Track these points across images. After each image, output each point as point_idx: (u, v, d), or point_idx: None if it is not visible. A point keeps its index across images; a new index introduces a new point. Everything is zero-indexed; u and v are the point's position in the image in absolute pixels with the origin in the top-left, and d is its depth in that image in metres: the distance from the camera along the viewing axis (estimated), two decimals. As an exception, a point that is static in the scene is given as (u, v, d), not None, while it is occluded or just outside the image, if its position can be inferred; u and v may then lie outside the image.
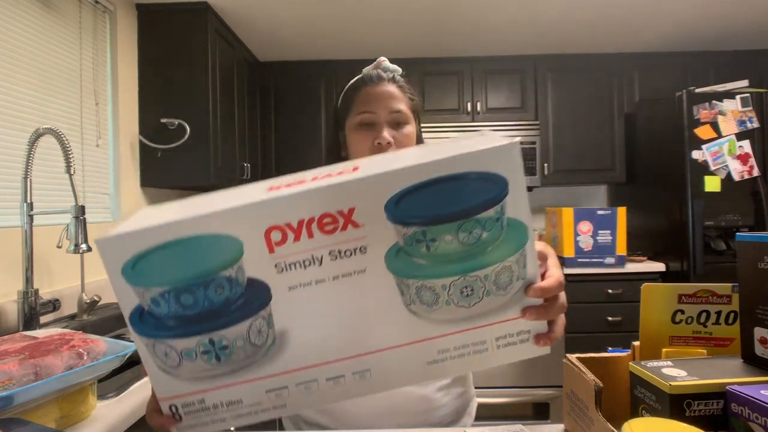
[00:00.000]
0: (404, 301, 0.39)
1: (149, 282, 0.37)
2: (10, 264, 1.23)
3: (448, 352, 0.40)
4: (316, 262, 0.38)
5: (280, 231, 0.37)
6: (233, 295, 0.38)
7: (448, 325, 0.40)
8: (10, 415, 0.57)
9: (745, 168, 2.12)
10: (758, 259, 0.54)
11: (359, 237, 0.37)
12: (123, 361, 0.71)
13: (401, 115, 0.82)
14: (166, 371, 0.40)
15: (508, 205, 0.38)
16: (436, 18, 2.16)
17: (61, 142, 1.11)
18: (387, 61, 0.88)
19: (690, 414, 0.48)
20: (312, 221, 0.36)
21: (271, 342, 0.39)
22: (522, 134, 2.51)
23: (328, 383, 0.40)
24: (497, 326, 0.40)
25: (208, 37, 1.92)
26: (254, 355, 0.39)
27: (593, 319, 2.25)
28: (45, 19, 1.44)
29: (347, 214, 0.36)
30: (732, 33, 2.42)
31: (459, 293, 0.39)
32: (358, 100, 0.83)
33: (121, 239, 0.36)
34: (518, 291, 0.40)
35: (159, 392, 0.40)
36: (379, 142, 0.79)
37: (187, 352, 0.39)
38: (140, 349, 0.39)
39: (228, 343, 0.39)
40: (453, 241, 0.38)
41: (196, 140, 1.88)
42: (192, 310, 0.38)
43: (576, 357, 0.62)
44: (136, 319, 0.38)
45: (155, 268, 0.37)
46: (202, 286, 0.38)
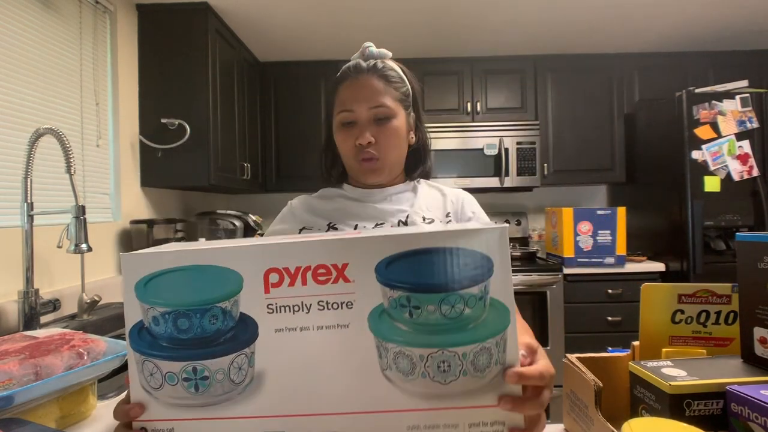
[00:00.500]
0: (381, 365, 0.40)
1: (155, 301, 0.41)
2: (11, 264, 1.23)
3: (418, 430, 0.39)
4: (305, 308, 0.40)
5: (278, 274, 0.40)
6: (224, 327, 0.41)
7: (422, 400, 0.40)
8: (10, 414, 0.57)
9: (745, 168, 2.12)
10: (758, 259, 0.54)
11: (348, 292, 0.39)
12: (123, 360, 0.70)
13: (384, 110, 0.77)
14: (147, 391, 0.42)
15: (492, 285, 0.39)
16: (436, 18, 2.17)
17: (62, 142, 1.11)
18: (372, 47, 0.81)
19: (690, 414, 0.48)
20: (308, 269, 0.40)
21: (249, 381, 0.41)
22: (522, 134, 2.51)
23: None
24: (472, 411, 0.39)
25: (208, 37, 1.92)
26: (230, 392, 0.41)
27: (593, 319, 2.26)
28: (45, 19, 1.44)
29: (341, 268, 0.39)
30: (732, 33, 2.42)
31: (436, 367, 0.39)
32: (338, 96, 0.79)
33: (143, 257, 0.41)
34: (496, 376, 0.39)
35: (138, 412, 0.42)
36: (360, 142, 0.76)
37: (170, 376, 0.41)
38: (130, 364, 0.42)
39: (209, 374, 0.41)
40: (435, 312, 0.39)
41: (196, 140, 1.88)
42: (185, 334, 0.41)
43: (576, 357, 0.62)
44: (135, 333, 0.42)
45: (163, 289, 0.41)
46: (198, 314, 0.41)
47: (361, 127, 0.77)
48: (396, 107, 0.78)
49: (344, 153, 0.80)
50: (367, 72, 0.78)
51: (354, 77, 0.78)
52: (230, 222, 2.22)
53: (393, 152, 0.79)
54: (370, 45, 0.81)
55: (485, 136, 2.51)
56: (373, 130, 0.76)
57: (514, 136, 2.51)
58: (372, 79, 0.77)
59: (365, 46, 0.81)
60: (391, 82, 0.79)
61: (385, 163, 0.79)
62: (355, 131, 0.77)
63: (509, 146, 2.50)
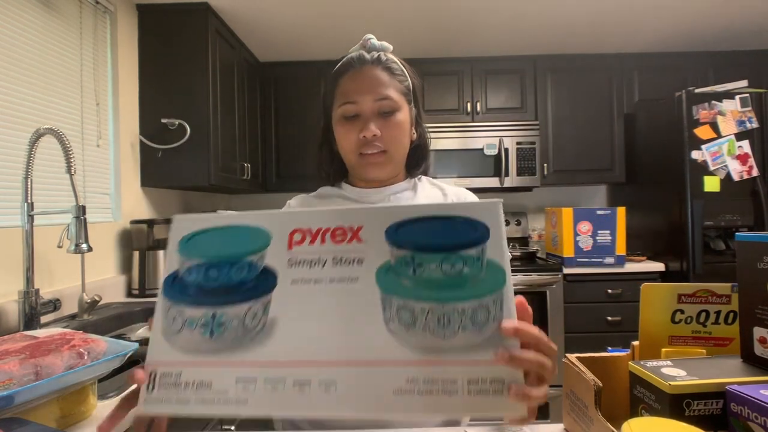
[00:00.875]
0: (384, 317, 0.42)
1: (192, 254, 0.47)
2: (11, 264, 1.23)
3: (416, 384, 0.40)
4: (321, 263, 0.45)
5: (301, 233, 0.46)
6: (248, 278, 0.45)
7: (422, 354, 0.41)
8: (11, 414, 0.57)
9: (745, 168, 2.12)
10: (757, 259, 0.54)
11: (360, 250, 0.44)
12: (123, 360, 0.71)
13: (389, 102, 0.74)
14: (165, 336, 0.45)
15: (489, 248, 0.43)
16: (436, 18, 2.17)
17: (62, 142, 1.11)
18: (373, 39, 0.78)
19: (689, 414, 0.48)
20: (327, 231, 0.46)
21: (261, 328, 0.44)
22: (522, 134, 2.51)
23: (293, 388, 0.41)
24: (470, 367, 0.40)
25: (208, 38, 1.92)
26: (242, 338, 0.44)
27: (593, 318, 2.26)
28: (45, 19, 1.44)
29: (355, 230, 0.45)
30: (732, 33, 2.42)
31: (436, 321, 0.42)
32: (340, 88, 0.76)
33: (189, 217, 0.49)
34: (494, 333, 0.41)
35: (150, 356, 0.45)
36: (364, 135, 0.73)
37: (190, 321, 0.45)
38: (157, 310, 0.46)
39: (225, 321, 0.44)
40: (437, 270, 0.43)
41: (197, 140, 1.88)
42: (212, 283, 0.46)
43: (575, 357, 0.62)
44: (168, 282, 0.47)
45: (201, 244, 0.47)
46: (228, 265, 0.46)
47: (365, 120, 0.73)
48: (400, 100, 0.76)
49: (346, 147, 0.76)
50: (371, 63, 0.75)
51: (357, 68, 0.75)
52: None
53: (398, 147, 0.77)
54: (372, 37, 0.78)
55: (485, 136, 2.51)
56: (378, 122, 0.73)
57: (514, 136, 2.51)
58: (376, 70, 0.75)
59: (367, 38, 0.78)
60: (395, 74, 0.76)
61: (391, 157, 0.76)
62: (359, 124, 0.74)
63: (509, 146, 2.50)
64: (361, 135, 0.73)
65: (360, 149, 0.75)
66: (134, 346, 0.72)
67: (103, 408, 0.74)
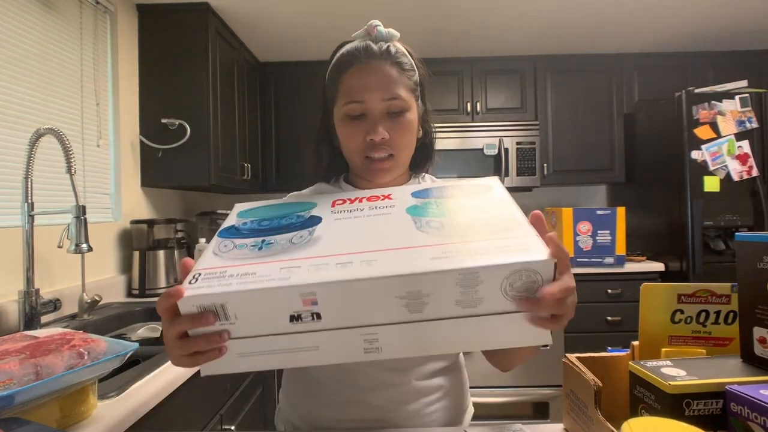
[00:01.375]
0: (416, 226, 0.49)
1: (249, 216, 0.57)
2: (11, 264, 1.23)
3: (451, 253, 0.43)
4: (359, 210, 0.54)
5: (342, 200, 0.58)
6: (296, 222, 0.54)
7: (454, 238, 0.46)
8: (11, 414, 0.57)
9: (745, 168, 2.12)
10: (757, 259, 0.54)
11: (391, 204, 0.55)
12: (123, 360, 0.71)
13: (399, 102, 0.68)
14: (216, 254, 0.48)
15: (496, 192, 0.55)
16: (436, 18, 2.17)
17: (62, 142, 1.11)
18: (380, 26, 0.70)
19: (689, 413, 0.49)
20: (364, 197, 0.58)
21: (306, 242, 0.48)
22: (522, 134, 2.51)
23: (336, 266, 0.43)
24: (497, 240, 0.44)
25: (208, 38, 1.92)
26: (288, 248, 0.48)
27: (593, 318, 2.26)
28: (46, 19, 1.44)
29: (387, 195, 0.58)
30: (732, 33, 2.42)
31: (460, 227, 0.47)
32: (344, 84, 0.69)
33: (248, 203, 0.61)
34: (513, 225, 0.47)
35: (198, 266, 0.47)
36: (372, 138, 0.67)
37: (241, 245, 0.50)
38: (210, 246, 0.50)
39: (273, 242, 0.49)
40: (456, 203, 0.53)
41: (197, 140, 1.88)
42: (263, 226, 0.54)
43: (575, 357, 0.62)
44: (224, 229, 0.54)
45: (258, 211, 0.58)
46: (279, 218, 0.55)
47: (372, 121, 0.68)
48: (409, 99, 0.70)
49: (350, 149, 0.71)
50: (380, 57, 0.68)
51: (364, 63, 0.68)
52: None
53: (406, 150, 0.73)
54: (378, 24, 0.70)
55: (485, 136, 2.51)
56: (386, 124, 0.68)
57: (513, 136, 2.51)
58: (385, 65, 0.68)
59: (373, 24, 0.70)
60: (405, 69, 0.70)
61: (398, 161, 0.72)
62: (365, 125, 0.68)
63: (509, 146, 2.50)
64: (368, 138, 0.68)
65: (366, 152, 0.70)
66: (134, 346, 0.72)
67: (103, 408, 0.74)
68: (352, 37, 0.73)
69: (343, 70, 0.70)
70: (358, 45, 0.70)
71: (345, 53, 0.71)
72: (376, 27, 0.70)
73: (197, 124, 1.89)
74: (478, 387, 2.19)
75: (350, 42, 0.72)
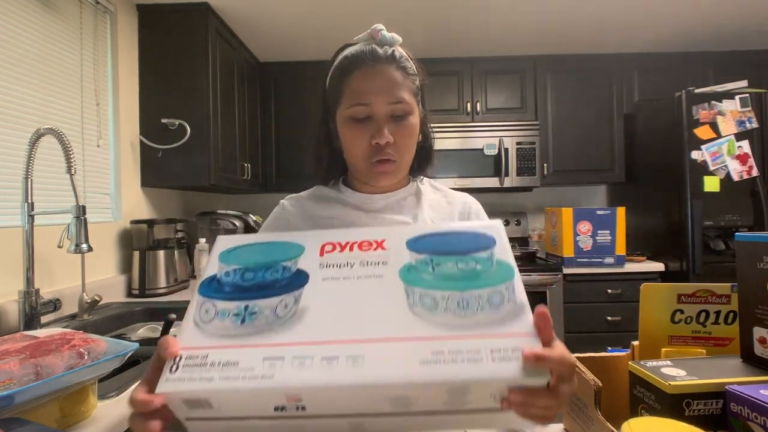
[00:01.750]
0: (408, 302, 0.46)
1: (231, 261, 0.52)
2: (11, 264, 1.23)
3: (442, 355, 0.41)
4: (349, 265, 0.50)
5: (332, 245, 0.53)
6: (282, 278, 0.50)
7: (445, 329, 0.43)
8: (11, 414, 0.57)
9: (745, 168, 2.12)
10: (757, 259, 0.54)
11: (384, 255, 0.51)
12: (123, 360, 0.71)
13: (403, 105, 0.69)
14: (197, 324, 0.47)
15: (497, 252, 0.50)
16: (436, 18, 2.17)
17: (62, 142, 1.11)
18: (384, 30, 0.71)
19: (689, 413, 0.49)
20: (355, 243, 0.52)
21: (291, 315, 0.46)
22: (522, 134, 2.51)
23: (321, 362, 0.42)
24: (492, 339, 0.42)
25: (208, 38, 1.92)
26: (272, 324, 0.46)
27: (593, 318, 2.26)
28: (46, 19, 1.44)
29: (380, 242, 0.52)
30: (732, 33, 2.42)
31: (456, 304, 0.45)
32: (350, 86, 0.69)
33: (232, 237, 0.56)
34: (510, 312, 0.44)
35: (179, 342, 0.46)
36: (377, 141, 0.68)
37: (223, 312, 0.47)
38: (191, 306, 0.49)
39: (258, 311, 0.47)
40: (453, 268, 0.48)
41: (197, 140, 1.88)
42: (248, 282, 0.50)
43: (575, 356, 0.62)
44: (205, 283, 0.51)
45: (241, 255, 0.53)
46: (263, 269, 0.51)
47: (378, 124, 0.68)
48: (412, 102, 0.71)
49: (355, 152, 0.71)
50: (385, 61, 0.69)
51: (370, 66, 0.68)
52: (230, 222, 2.23)
53: (408, 153, 0.73)
54: (382, 28, 0.70)
55: (485, 136, 2.51)
56: (390, 127, 0.68)
57: (513, 136, 2.51)
58: (390, 69, 0.69)
59: (377, 28, 0.70)
60: (408, 74, 0.71)
61: (401, 165, 0.72)
62: (370, 128, 0.68)
63: (509, 146, 2.50)
64: (373, 141, 0.68)
65: (371, 157, 0.70)
66: (134, 346, 0.72)
67: (103, 408, 0.74)
68: (355, 40, 0.73)
69: (348, 73, 0.70)
70: (363, 48, 0.70)
71: (350, 56, 0.71)
72: (380, 31, 0.70)
73: (197, 124, 1.89)
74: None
75: (353, 45, 0.72)
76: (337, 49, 0.75)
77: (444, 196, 0.83)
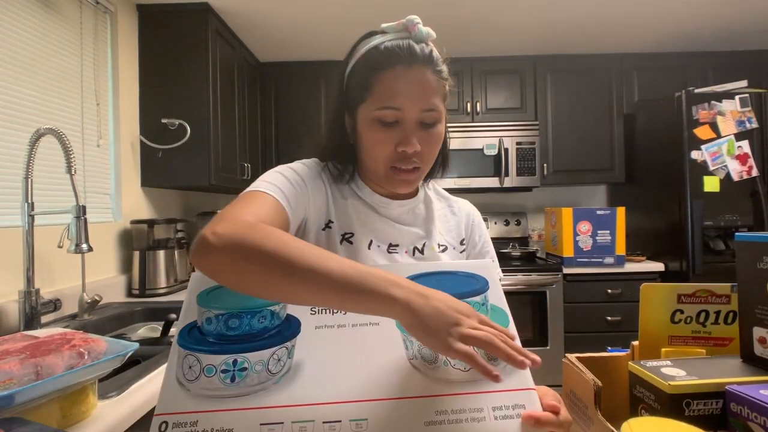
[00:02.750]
0: (407, 354, 0.45)
1: (213, 305, 0.47)
2: (11, 264, 1.23)
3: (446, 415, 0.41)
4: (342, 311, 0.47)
5: None
6: (271, 325, 0.46)
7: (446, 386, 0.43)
8: (11, 414, 0.57)
9: (744, 168, 2.12)
10: (757, 259, 0.54)
11: None
12: (124, 360, 0.71)
13: (434, 114, 0.63)
14: (180, 383, 0.42)
15: (490, 296, 0.50)
16: (435, 18, 2.17)
17: (62, 142, 1.11)
18: (420, 24, 0.64)
19: (689, 413, 0.49)
20: None
21: (286, 371, 0.43)
22: (521, 134, 2.51)
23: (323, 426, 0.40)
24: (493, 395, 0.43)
25: (208, 38, 1.92)
26: (266, 382, 0.42)
27: (592, 318, 2.26)
28: (46, 19, 1.44)
29: None
30: (731, 33, 2.42)
31: None
32: (381, 84, 0.62)
33: None
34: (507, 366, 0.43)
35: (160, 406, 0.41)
36: (404, 149, 0.62)
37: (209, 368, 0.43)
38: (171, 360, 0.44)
39: (248, 366, 0.43)
40: None
41: (197, 140, 1.88)
42: (234, 332, 0.45)
43: (575, 356, 0.62)
44: (185, 332, 0.45)
45: (221, 297, 0.48)
46: (249, 315, 0.46)
47: (407, 131, 0.63)
48: (442, 109, 0.65)
49: (376, 156, 0.65)
50: (423, 62, 0.63)
51: (407, 66, 0.62)
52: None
53: (432, 161, 0.68)
54: (419, 21, 0.64)
55: (485, 136, 2.51)
56: (418, 135, 0.63)
57: (513, 136, 2.51)
58: (427, 72, 0.63)
59: (413, 21, 0.64)
60: (442, 78, 0.65)
61: (422, 174, 0.68)
62: (397, 133, 0.63)
63: (509, 146, 2.50)
64: (400, 149, 0.63)
65: (394, 162, 0.65)
66: (134, 345, 0.72)
67: (103, 408, 0.74)
68: (385, 28, 0.66)
69: (381, 69, 0.63)
70: (400, 43, 0.63)
71: (384, 49, 0.63)
72: (417, 24, 0.64)
73: (197, 124, 1.89)
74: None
75: (384, 34, 0.66)
76: (362, 36, 0.68)
77: (449, 206, 0.80)
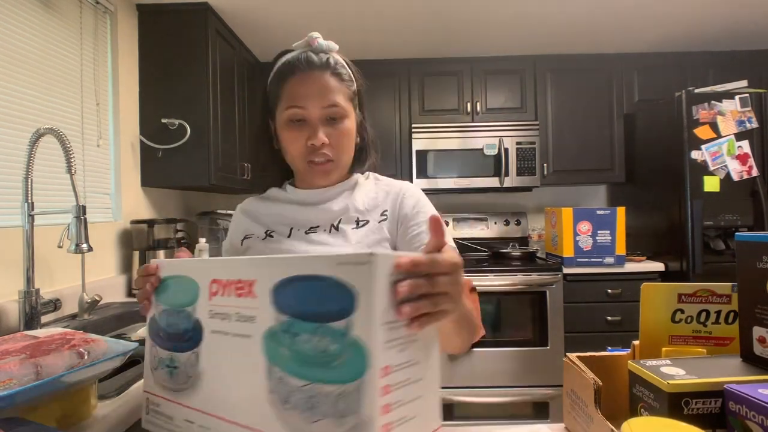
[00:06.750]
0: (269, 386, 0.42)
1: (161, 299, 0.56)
2: (11, 264, 1.23)
3: None
4: (229, 318, 0.47)
5: (216, 284, 0.49)
6: (188, 328, 0.51)
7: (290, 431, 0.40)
8: (11, 414, 0.57)
9: (744, 168, 2.12)
10: (757, 259, 0.54)
11: (254, 307, 0.44)
12: (124, 360, 0.71)
13: (337, 109, 0.73)
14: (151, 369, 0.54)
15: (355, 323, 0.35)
16: (436, 18, 2.17)
17: (62, 142, 1.11)
18: (320, 39, 0.75)
19: (688, 412, 0.49)
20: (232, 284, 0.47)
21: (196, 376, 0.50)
22: (521, 134, 2.51)
23: None
24: None
25: (208, 38, 1.92)
26: (186, 383, 0.51)
27: (593, 318, 2.26)
28: (46, 19, 1.44)
29: (251, 284, 0.45)
30: (731, 33, 2.42)
31: (305, 402, 0.39)
32: (287, 90, 0.74)
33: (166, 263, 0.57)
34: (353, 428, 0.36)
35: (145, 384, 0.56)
36: (312, 143, 0.72)
37: (160, 360, 0.54)
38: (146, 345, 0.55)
39: (178, 365, 0.52)
40: (309, 342, 0.39)
41: (197, 140, 1.88)
42: (169, 330, 0.53)
43: (576, 356, 0.62)
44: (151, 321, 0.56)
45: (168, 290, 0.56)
46: (178, 314, 0.53)
47: (313, 127, 0.72)
48: (348, 107, 0.75)
49: (293, 153, 0.75)
50: (320, 68, 0.73)
51: (305, 72, 0.73)
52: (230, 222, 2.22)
53: (345, 154, 0.77)
54: (318, 36, 0.75)
55: (485, 136, 2.51)
56: (325, 130, 0.73)
57: (513, 136, 2.51)
58: (325, 75, 0.73)
59: (313, 36, 0.75)
60: (343, 80, 0.75)
61: (338, 164, 0.77)
62: (306, 130, 0.73)
63: (509, 146, 2.51)
64: (309, 143, 0.72)
65: (308, 157, 0.75)
66: (134, 346, 0.72)
67: (103, 408, 0.74)
68: (293, 47, 0.77)
69: (285, 78, 0.75)
70: (299, 55, 0.75)
71: (286, 62, 0.76)
72: (316, 39, 0.75)
73: (197, 124, 1.89)
74: (478, 387, 2.19)
75: (291, 51, 0.77)
76: (277, 54, 0.80)
77: (385, 186, 0.83)
